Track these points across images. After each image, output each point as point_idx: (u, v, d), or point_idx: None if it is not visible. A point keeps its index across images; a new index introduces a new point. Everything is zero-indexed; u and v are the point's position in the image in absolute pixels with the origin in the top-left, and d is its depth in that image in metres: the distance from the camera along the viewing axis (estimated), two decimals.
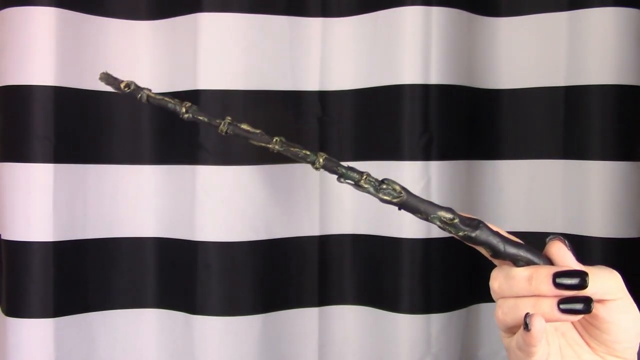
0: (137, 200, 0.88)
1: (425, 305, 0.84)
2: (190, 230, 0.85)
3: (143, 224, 0.88)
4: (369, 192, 0.40)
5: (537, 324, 0.36)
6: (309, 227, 0.88)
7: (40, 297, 0.82)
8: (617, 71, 0.82)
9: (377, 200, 0.42)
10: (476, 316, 0.90)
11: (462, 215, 0.40)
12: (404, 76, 0.82)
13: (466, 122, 0.87)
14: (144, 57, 0.87)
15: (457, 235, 0.40)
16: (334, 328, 0.90)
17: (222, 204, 0.84)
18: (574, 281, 0.36)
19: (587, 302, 0.36)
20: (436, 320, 0.84)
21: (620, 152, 0.83)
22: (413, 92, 0.82)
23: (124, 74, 0.86)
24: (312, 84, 0.87)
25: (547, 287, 0.37)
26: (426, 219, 0.40)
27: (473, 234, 0.39)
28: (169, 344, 0.88)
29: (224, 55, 0.83)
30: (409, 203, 0.40)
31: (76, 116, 0.84)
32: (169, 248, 0.88)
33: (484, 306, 0.90)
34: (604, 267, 0.39)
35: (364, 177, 0.40)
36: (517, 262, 0.39)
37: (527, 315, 0.37)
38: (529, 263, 0.39)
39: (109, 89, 0.88)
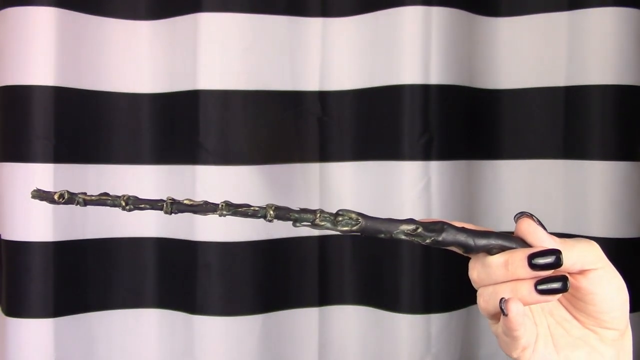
0: None
1: (425, 305, 0.84)
2: (190, 230, 0.85)
3: (143, 223, 0.88)
4: (327, 229, 0.40)
5: (513, 309, 0.36)
6: None
7: (40, 297, 0.82)
8: (617, 71, 0.82)
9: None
10: (476, 316, 0.90)
11: (424, 222, 0.40)
12: (404, 76, 0.82)
13: (466, 122, 0.87)
14: (144, 57, 0.87)
15: (425, 243, 0.39)
16: (334, 328, 0.90)
17: None
18: (549, 260, 0.36)
19: (564, 280, 0.36)
20: (436, 320, 0.84)
21: (620, 152, 0.83)
22: (413, 92, 0.82)
23: (124, 74, 0.87)
24: (312, 84, 0.87)
25: (524, 270, 0.37)
26: (390, 237, 0.40)
27: (440, 238, 0.39)
28: (169, 344, 0.88)
29: (223, 55, 0.83)
30: (368, 227, 0.40)
31: (76, 116, 0.84)
32: (169, 248, 0.88)
33: None
34: (581, 238, 0.39)
35: (318, 215, 0.40)
36: (490, 251, 0.39)
37: (502, 300, 0.37)
38: (502, 249, 0.38)
39: (109, 88, 0.89)
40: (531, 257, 0.36)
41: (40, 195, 0.41)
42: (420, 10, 0.81)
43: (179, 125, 0.86)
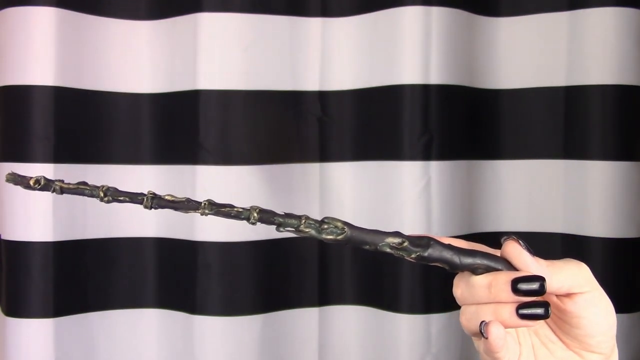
0: None
1: (425, 305, 0.84)
2: (190, 230, 0.85)
3: (143, 223, 0.88)
4: (311, 236, 0.38)
5: (494, 331, 0.36)
6: None
7: (40, 297, 0.82)
8: (617, 71, 0.82)
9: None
10: None
11: (410, 237, 0.39)
12: (404, 76, 0.82)
13: (466, 122, 0.87)
14: (144, 57, 0.87)
15: (410, 258, 0.38)
16: (334, 328, 0.90)
17: None
18: (532, 287, 0.36)
19: (546, 306, 0.36)
20: (436, 320, 0.84)
21: (620, 152, 0.83)
22: (413, 92, 0.82)
23: (124, 74, 0.87)
24: (312, 84, 0.87)
25: (506, 294, 0.36)
26: (375, 249, 0.39)
27: (425, 254, 0.38)
28: (169, 344, 0.88)
29: (224, 55, 0.83)
30: (354, 238, 0.38)
31: (76, 116, 0.84)
32: (169, 248, 0.88)
33: None
34: (571, 260, 0.38)
35: (303, 221, 0.38)
36: (475, 270, 0.38)
37: (482, 323, 0.36)
38: (487, 269, 0.38)
39: (109, 88, 0.89)
40: (515, 282, 0.36)
41: (15, 179, 0.38)
42: (420, 10, 0.81)
43: (179, 125, 0.86)
